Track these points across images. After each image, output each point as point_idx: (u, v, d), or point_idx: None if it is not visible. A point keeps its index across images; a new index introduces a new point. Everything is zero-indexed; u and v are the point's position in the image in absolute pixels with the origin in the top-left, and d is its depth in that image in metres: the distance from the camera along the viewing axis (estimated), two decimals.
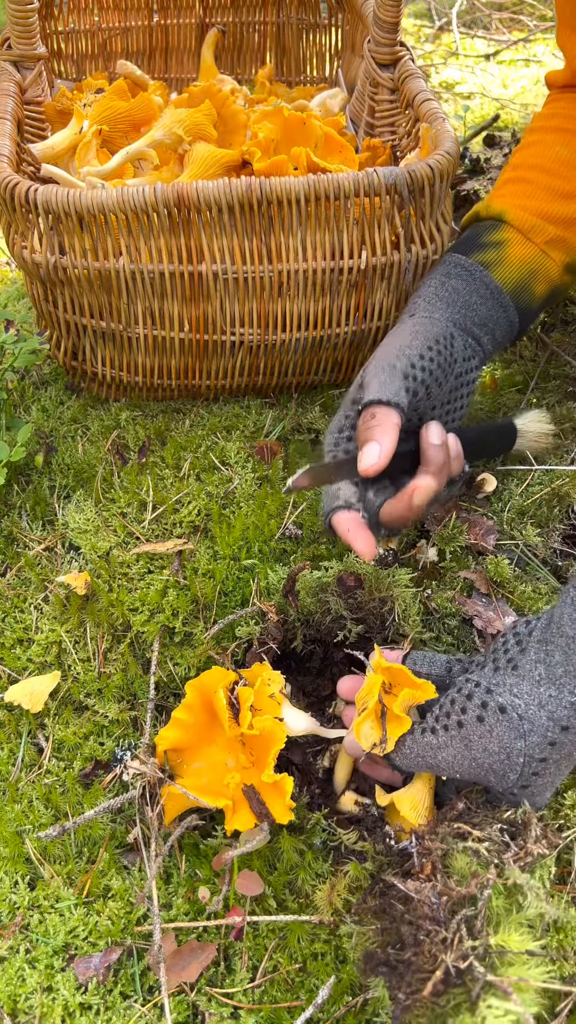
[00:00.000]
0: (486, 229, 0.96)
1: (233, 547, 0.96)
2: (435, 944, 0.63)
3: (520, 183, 0.99)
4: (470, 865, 0.67)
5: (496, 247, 0.94)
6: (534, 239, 0.95)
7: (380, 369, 0.82)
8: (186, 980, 0.73)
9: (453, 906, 0.65)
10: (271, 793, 0.77)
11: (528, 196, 0.97)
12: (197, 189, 0.92)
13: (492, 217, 0.97)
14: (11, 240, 1.02)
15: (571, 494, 1.02)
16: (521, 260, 0.95)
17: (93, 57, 1.48)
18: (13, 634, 0.95)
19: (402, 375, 0.81)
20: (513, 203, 0.96)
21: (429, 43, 2.38)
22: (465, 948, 0.62)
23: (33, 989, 0.74)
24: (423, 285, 0.94)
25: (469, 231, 0.98)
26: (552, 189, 0.96)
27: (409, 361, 0.82)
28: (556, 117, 1.03)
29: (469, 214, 1.01)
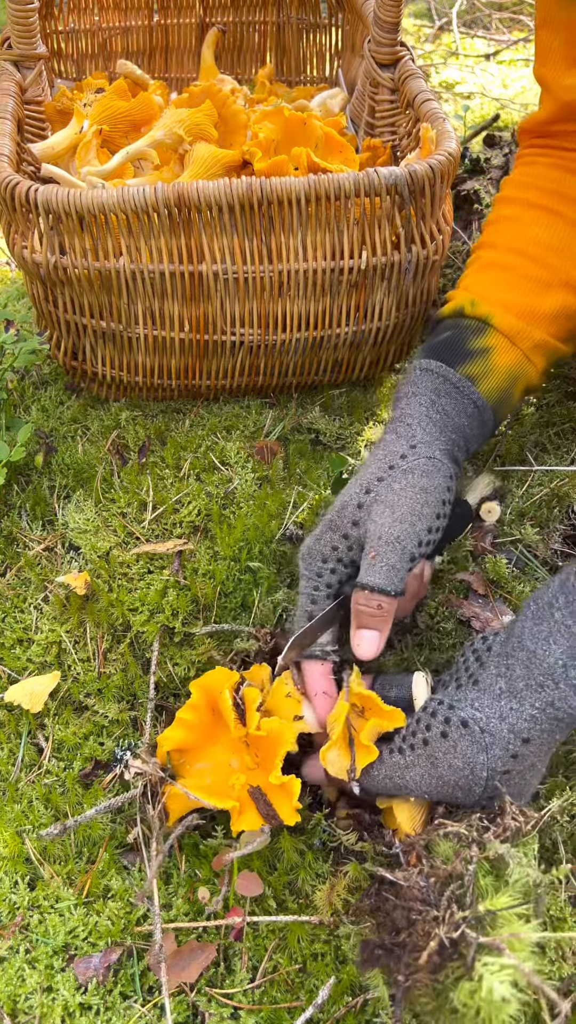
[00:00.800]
0: (471, 333, 0.92)
1: (233, 548, 0.96)
2: (427, 922, 0.64)
3: (500, 270, 0.96)
4: (453, 847, 0.68)
5: (483, 356, 0.91)
6: (519, 344, 0.92)
7: (390, 548, 0.80)
8: (186, 980, 0.73)
9: (441, 886, 0.66)
10: (278, 795, 0.77)
11: (510, 287, 0.94)
12: (197, 189, 0.92)
13: (477, 318, 0.92)
14: (11, 240, 1.01)
15: (571, 494, 1.02)
16: (506, 369, 0.92)
17: (93, 57, 1.48)
18: (13, 634, 0.95)
19: (409, 559, 0.80)
20: (497, 300, 0.93)
21: (429, 43, 2.38)
22: (456, 919, 0.63)
23: (33, 989, 0.74)
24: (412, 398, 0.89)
25: (452, 333, 0.93)
26: (533, 279, 0.94)
27: (418, 539, 0.81)
28: (533, 189, 0.99)
29: (450, 306, 0.95)
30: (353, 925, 0.72)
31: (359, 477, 0.85)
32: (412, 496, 0.82)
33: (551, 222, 0.96)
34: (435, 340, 0.93)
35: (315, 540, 0.84)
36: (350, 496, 0.83)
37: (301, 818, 0.78)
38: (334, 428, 1.11)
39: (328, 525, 0.84)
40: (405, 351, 1.15)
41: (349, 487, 0.85)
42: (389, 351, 1.13)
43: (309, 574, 0.83)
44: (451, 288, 1.31)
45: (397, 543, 0.80)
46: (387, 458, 0.85)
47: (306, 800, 0.84)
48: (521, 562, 0.98)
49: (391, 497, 0.82)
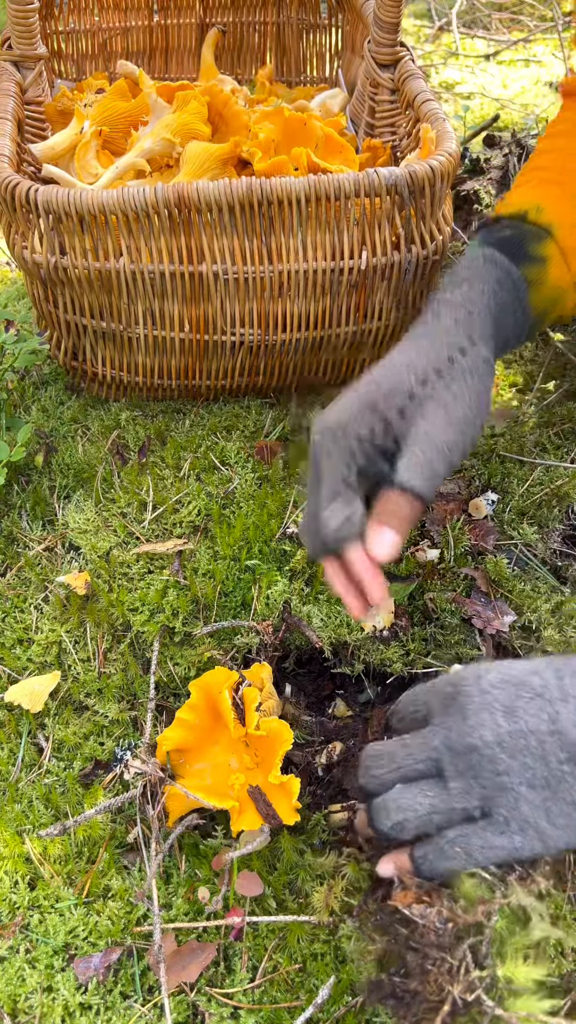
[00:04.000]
0: (533, 238, 0.88)
1: (233, 547, 0.96)
2: (442, 974, 0.62)
3: (555, 187, 0.92)
4: (475, 889, 0.66)
5: (540, 264, 0.87)
6: (571, 264, 0.89)
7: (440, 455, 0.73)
8: (186, 980, 0.73)
9: (459, 932, 0.64)
10: (278, 794, 0.77)
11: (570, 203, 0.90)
12: (198, 190, 0.92)
13: (540, 226, 0.89)
14: (11, 240, 1.02)
15: (571, 494, 1.02)
16: (555, 285, 0.89)
17: (93, 57, 1.48)
18: (13, 634, 0.95)
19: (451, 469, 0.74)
20: (558, 211, 0.90)
21: (429, 43, 2.38)
22: (472, 978, 0.62)
23: (33, 989, 0.74)
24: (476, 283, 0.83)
25: (514, 233, 0.89)
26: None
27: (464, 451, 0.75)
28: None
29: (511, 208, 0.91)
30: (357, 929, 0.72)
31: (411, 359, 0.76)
32: (468, 403, 0.76)
33: None
34: (497, 236, 0.88)
35: (351, 417, 0.74)
36: (400, 381, 0.75)
37: (300, 818, 0.78)
38: None
39: (368, 404, 0.74)
40: None
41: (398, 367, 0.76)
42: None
43: (340, 451, 0.73)
44: None
45: (447, 451, 0.74)
46: (447, 347, 0.77)
47: (306, 800, 0.84)
48: (522, 561, 0.98)
49: (447, 397, 0.75)
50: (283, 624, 0.91)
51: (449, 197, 1.04)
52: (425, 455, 0.73)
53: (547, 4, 2.49)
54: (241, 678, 0.84)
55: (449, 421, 0.74)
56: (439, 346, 0.77)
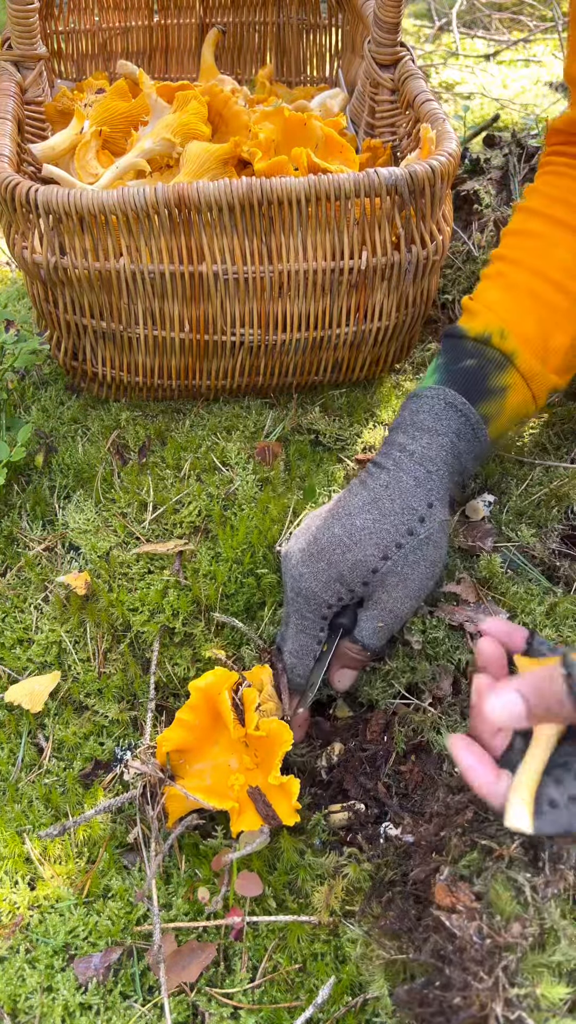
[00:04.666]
0: (494, 368, 0.91)
1: (236, 550, 0.96)
2: (484, 991, 0.63)
3: (525, 296, 0.94)
4: (511, 903, 0.66)
5: (500, 396, 0.91)
6: (532, 387, 0.93)
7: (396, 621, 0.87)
8: (186, 980, 0.73)
9: (495, 948, 0.65)
10: (277, 795, 0.77)
11: (531, 317, 0.92)
12: (198, 190, 0.92)
13: (503, 353, 0.91)
14: (11, 240, 1.02)
15: (570, 494, 1.02)
16: (515, 410, 0.93)
17: (93, 57, 1.48)
18: (13, 634, 0.95)
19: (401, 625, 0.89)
20: (520, 333, 0.92)
21: (429, 43, 2.38)
22: (511, 996, 0.62)
23: (33, 989, 0.74)
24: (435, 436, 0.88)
25: (476, 363, 0.91)
26: (554, 308, 0.93)
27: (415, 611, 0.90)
28: (560, 204, 0.98)
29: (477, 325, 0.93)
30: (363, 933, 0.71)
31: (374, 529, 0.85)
32: (423, 571, 0.86)
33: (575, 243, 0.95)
34: (459, 366, 0.92)
35: (322, 587, 0.85)
36: (366, 556, 0.84)
37: (300, 818, 0.78)
38: (334, 429, 1.11)
39: (337, 577, 0.85)
40: (405, 351, 1.15)
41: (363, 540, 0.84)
42: (389, 351, 1.13)
43: (314, 617, 0.87)
44: (451, 288, 1.31)
45: (402, 618, 0.87)
46: (406, 517, 0.85)
47: (306, 800, 0.84)
48: (515, 563, 0.98)
49: (406, 570, 0.86)
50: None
51: (449, 197, 1.04)
52: (384, 623, 0.86)
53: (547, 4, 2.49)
54: (241, 679, 0.84)
55: (407, 594, 0.86)
56: (400, 515, 0.86)
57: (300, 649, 0.88)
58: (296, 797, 0.76)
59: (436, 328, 1.29)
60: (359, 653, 0.87)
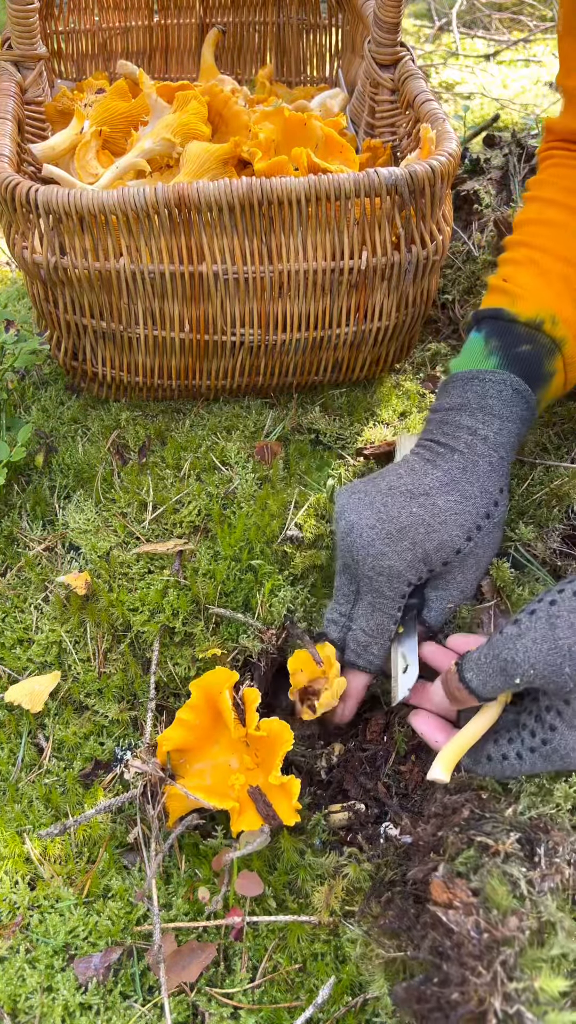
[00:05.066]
0: (547, 354, 0.93)
1: (234, 548, 0.96)
2: (482, 986, 0.62)
3: (560, 281, 0.95)
4: (507, 897, 0.66)
5: (549, 380, 0.94)
6: (569, 374, 0.96)
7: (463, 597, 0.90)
8: (186, 980, 0.73)
9: (491, 943, 0.65)
10: (278, 795, 0.77)
11: (572, 305, 0.94)
12: (198, 190, 0.92)
13: (554, 340, 0.93)
14: (11, 240, 1.02)
15: (571, 494, 1.02)
16: (555, 393, 0.97)
17: (93, 57, 1.48)
18: (13, 634, 0.95)
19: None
20: (570, 321, 0.93)
21: (429, 43, 2.38)
22: (510, 991, 0.62)
23: (33, 989, 0.74)
24: (506, 422, 0.91)
25: (532, 349, 0.93)
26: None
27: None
28: (574, 194, 1.00)
29: (530, 311, 0.94)
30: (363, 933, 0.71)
31: (457, 510, 0.87)
32: (491, 554, 0.91)
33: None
34: (517, 351, 0.93)
35: (407, 566, 0.85)
36: (452, 538, 0.86)
37: (300, 818, 0.78)
38: (334, 428, 1.11)
39: (423, 556, 0.86)
40: (405, 351, 1.15)
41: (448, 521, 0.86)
42: (389, 351, 1.13)
43: (394, 596, 0.86)
44: (451, 288, 1.31)
45: (469, 597, 0.91)
46: (485, 500, 0.88)
47: (306, 800, 0.84)
48: (520, 563, 0.98)
49: (481, 551, 0.89)
50: (284, 633, 0.92)
51: (449, 197, 1.04)
52: (454, 603, 0.90)
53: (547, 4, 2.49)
54: (241, 678, 0.84)
55: (478, 573, 0.90)
56: (479, 498, 0.88)
57: (376, 628, 0.87)
58: (297, 797, 0.76)
59: (436, 328, 1.29)
60: (422, 635, 0.88)
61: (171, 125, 1.15)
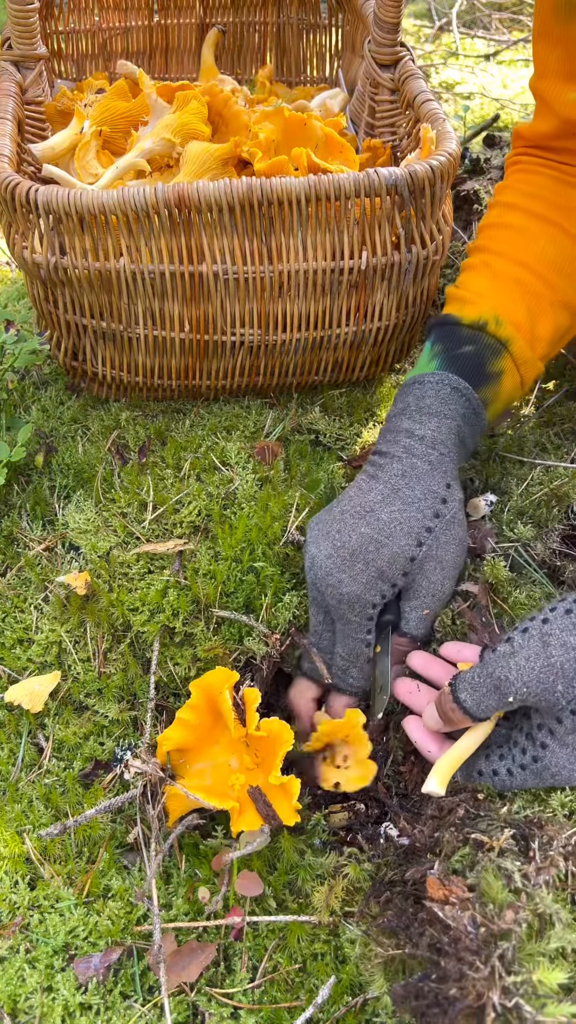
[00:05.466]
0: (491, 354, 0.93)
1: (235, 548, 0.96)
2: (480, 980, 0.62)
3: (512, 284, 0.96)
4: (503, 891, 0.67)
5: (496, 381, 0.94)
6: (523, 373, 0.95)
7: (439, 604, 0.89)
8: (186, 980, 0.73)
9: (488, 937, 0.65)
10: (278, 795, 0.77)
11: (520, 305, 0.95)
12: (198, 190, 0.92)
13: (499, 339, 0.94)
14: (11, 240, 1.02)
15: (570, 494, 1.02)
16: (508, 395, 0.96)
17: (93, 57, 1.48)
18: (13, 634, 0.95)
19: (443, 606, 0.91)
20: (512, 319, 0.94)
21: (429, 43, 2.38)
22: (508, 984, 0.62)
23: (33, 989, 0.74)
24: (444, 420, 0.91)
25: (475, 349, 0.93)
26: (538, 297, 0.96)
27: (454, 588, 0.91)
28: (537, 200, 0.99)
29: (472, 313, 0.95)
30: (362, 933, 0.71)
31: (402, 519, 0.86)
32: (455, 551, 0.89)
33: (556, 236, 0.97)
34: (459, 352, 0.94)
35: (364, 588, 0.85)
36: (401, 548, 0.86)
37: (300, 818, 0.78)
38: (334, 428, 1.11)
39: (377, 574, 0.86)
40: (405, 351, 1.15)
41: (394, 531, 0.86)
42: (389, 351, 1.13)
43: (360, 619, 0.87)
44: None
45: (443, 600, 0.89)
46: (430, 501, 0.87)
47: (306, 800, 0.84)
48: (518, 564, 0.98)
49: (439, 552, 0.88)
50: (289, 639, 0.92)
51: (449, 197, 1.04)
52: (429, 608, 0.89)
53: None
54: (241, 678, 0.84)
55: (445, 574, 0.89)
56: (423, 500, 0.87)
57: (351, 654, 0.88)
58: (297, 797, 0.76)
59: None
60: (408, 646, 0.89)
61: (171, 125, 1.15)
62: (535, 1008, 0.61)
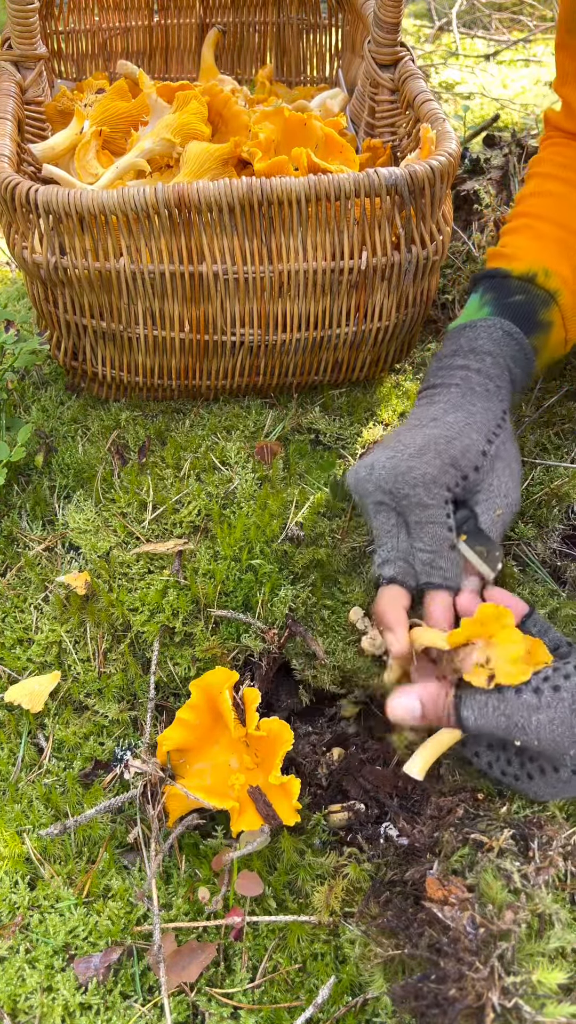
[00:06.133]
0: (540, 304, 0.95)
1: (234, 547, 0.96)
2: (479, 980, 0.62)
3: (556, 244, 0.99)
4: (502, 891, 0.66)
5: (545, 330, 0.96)
6: (568, 327, 0.98)
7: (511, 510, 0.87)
8: (186, 980, 0.73)
9: (487, 937, 0.65)
10: (278, 795, 0.77)
11: (569, 264, 0.97)
12: (198, 190, 0.92)
13: (548, 291, 0.96)
14: (11, 240, 1.02)
15: (571, 494, 1.02)
16: (554, 347, 0.98)
17: (93, 57, 1.48)
18: (13, 634, 0.95)
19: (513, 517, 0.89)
20: (562, 275, 0.96)
21: (429, 43, 2.38)
22: (507, 984, 0.62)
23: (33, 989, 0.74)
24: (497, 358, 0.92)
25: (525, 299, 0.95)
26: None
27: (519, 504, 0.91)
28: (573, 170, 1.04)
29: (521, 266, 0.97)
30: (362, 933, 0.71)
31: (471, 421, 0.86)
32: (518, 460, 0.90)
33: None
34: (509, 300, 0.96)
35: (438, 470, 0.82)
36: (473, 441, 0.85)
37: (300, 818, 0.78)
38: (334, 428, 1.11)
39: (451, 461, 0.83)
40: (405, 351, 1.15)
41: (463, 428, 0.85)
42: (389, 351, 1.13)
43: (438, 502, 0.82)
44: (451, 288, 1.31)
45: (513, 506, 0.88)
46: (492, 415, 0.88)
47: (306, 800, 0.84)
48: (521, 562, 0.98)
49: (507, 455, 0.88)
50: (286, 631, 0.92)
51: (449, 197, 1.04)
52: (501, 509, 0.87)
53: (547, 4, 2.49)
54: (241, 678, 0.84)
55: (513, 479, 0.89)
56: (486, 413, 0.88)
57: (435, 541, 0.82)
58: (297, 797, 0.76)
59: (436, 328, 1.29)
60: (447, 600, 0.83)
61: (171, 125, 1.15)
62: (534, 1008, 0.61)
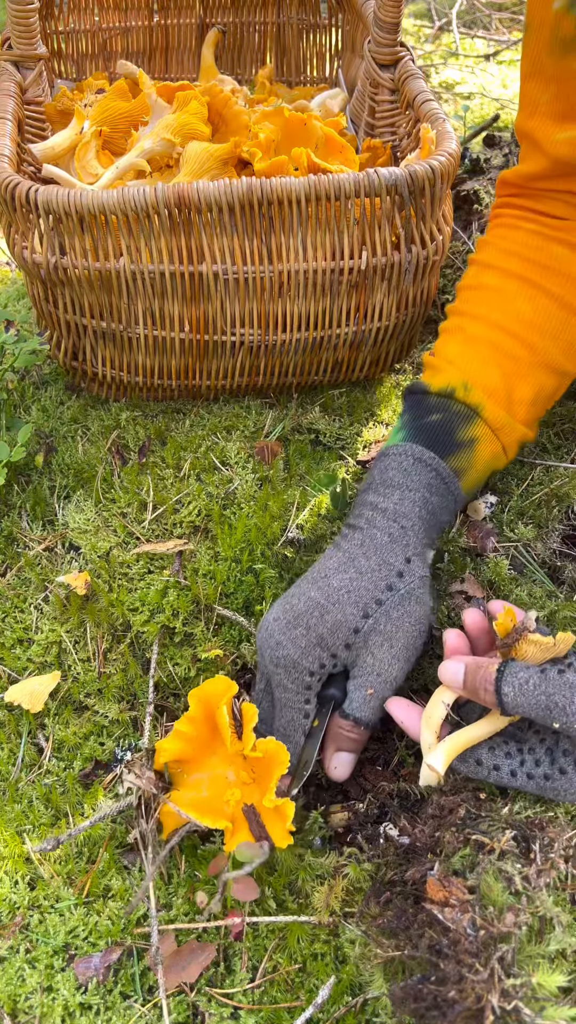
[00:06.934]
0: (461, 421, 0.90)
1: (235, 548, 0.96)
2: (479, 983, 0.62)
3: (487, 347, 0.93)
4: (503, 893, 0.66)
5: (469, 449, 0.90)
6: (502, 439, 0.92)
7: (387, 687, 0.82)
8: (186, 980, 0.73)
9: (487, 939, 0.65)
10: (272, 817, 0.76)
11: (496, 369, 0.92)
12: (198, 190, 0.92)
13: (468, 406, 0.91)
14: (11, 240, 1.02)
15: (571, 494, 1.02)
16: (486, 462, 0.92)
17: (93, 57, 1.48)
18: (13, 634, 0.95)
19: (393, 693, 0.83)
20: (484, 385, 0.91)
21: (429, 43, 2.38)
22: (507, 987, 0.62)
23: (33, 989, 0.74)
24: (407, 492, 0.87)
25: (443, 417, 0.91)
26: (516, 360, 0.93)
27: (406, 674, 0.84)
28: (514, 257, 0.96)
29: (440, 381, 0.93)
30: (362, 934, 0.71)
31: (351, 587, 0.82)
32: (408, 629, 0.83)
33: (534, 296, 0.94)
34: (425, 421, 0.92)
35: (301, 653, 0.81)
36: (345, 616, 0.81)
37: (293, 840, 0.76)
38: (334, 428, 1.11)
39: (317, 641, 0.81)
40: (405, 351, 1.15)
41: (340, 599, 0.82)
42: (389, 351, 1.13)
43: (297, 688, 0.81)
44: (451, 288, 1.31)
45: (393, 683, 0.82)
46: (384, 573, 0.83)
47: (305, 800, 0.84)
48: (519, 563, 0.98)
49: (389, 628, 0.82)
50: None
51: (449, 197, 1.04)
52: (374, 689, 0.82)
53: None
54: (240, 690, 0.83)
55: (394, 655, 0.82)
56: (377, 571, 0.83)
57: (287, 726, 0.82)
58: (291, 820, 0.75)
59: (436, 328, 1.29)
60: (352, 730, 0.82)
61: (171, 125, 1.15)
62: (534, 1011, 0.61)
